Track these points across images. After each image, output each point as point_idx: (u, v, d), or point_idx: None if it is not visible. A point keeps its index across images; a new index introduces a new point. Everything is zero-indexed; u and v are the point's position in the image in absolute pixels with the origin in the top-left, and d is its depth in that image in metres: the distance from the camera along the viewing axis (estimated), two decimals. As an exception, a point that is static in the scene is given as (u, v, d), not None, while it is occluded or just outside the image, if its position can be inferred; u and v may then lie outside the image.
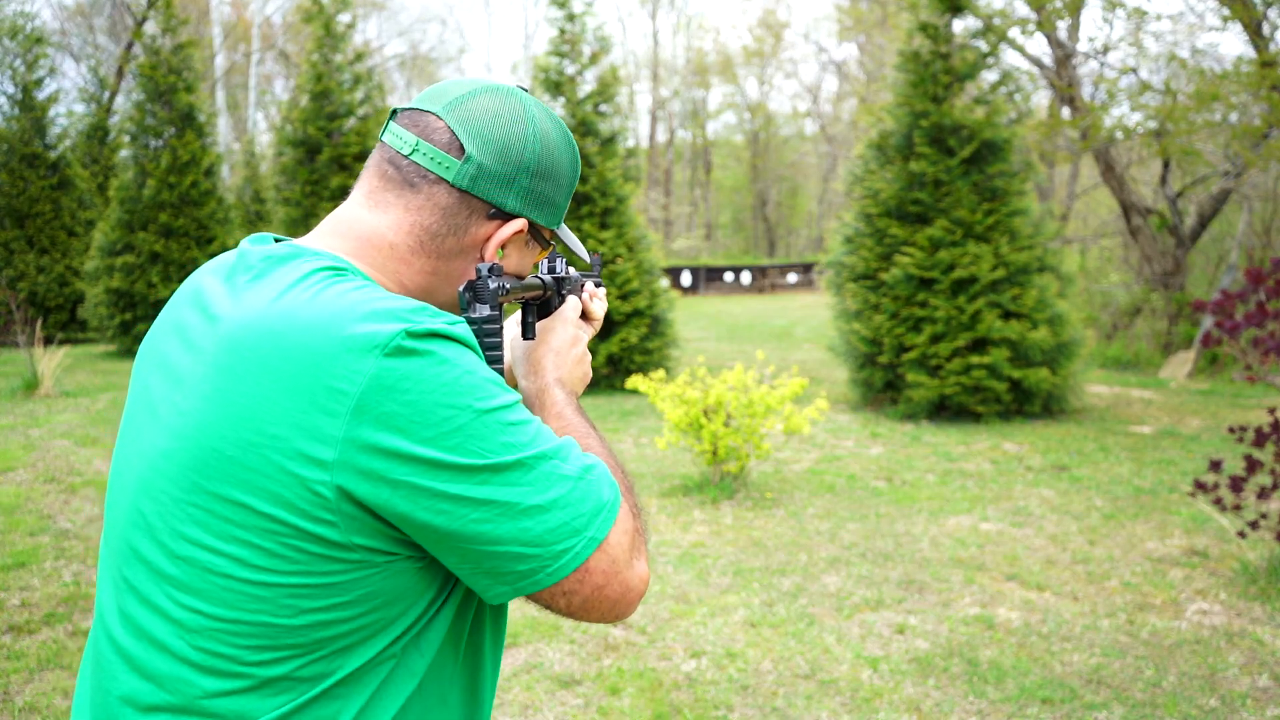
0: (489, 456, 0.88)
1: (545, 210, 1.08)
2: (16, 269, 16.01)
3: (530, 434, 0.92)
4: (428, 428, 0.85)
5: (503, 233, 1.04)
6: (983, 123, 9.06)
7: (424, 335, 0.87)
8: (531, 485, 0.90)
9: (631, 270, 10.86)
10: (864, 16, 27.12)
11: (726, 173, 46.44)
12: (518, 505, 0.89)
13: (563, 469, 0.92)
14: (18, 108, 16.62)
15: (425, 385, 0.86)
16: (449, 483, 0.87)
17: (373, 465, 0.84)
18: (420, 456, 0.85)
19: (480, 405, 0.88)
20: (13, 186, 16.30)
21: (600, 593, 0.94)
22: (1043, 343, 8.57)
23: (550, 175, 1.06)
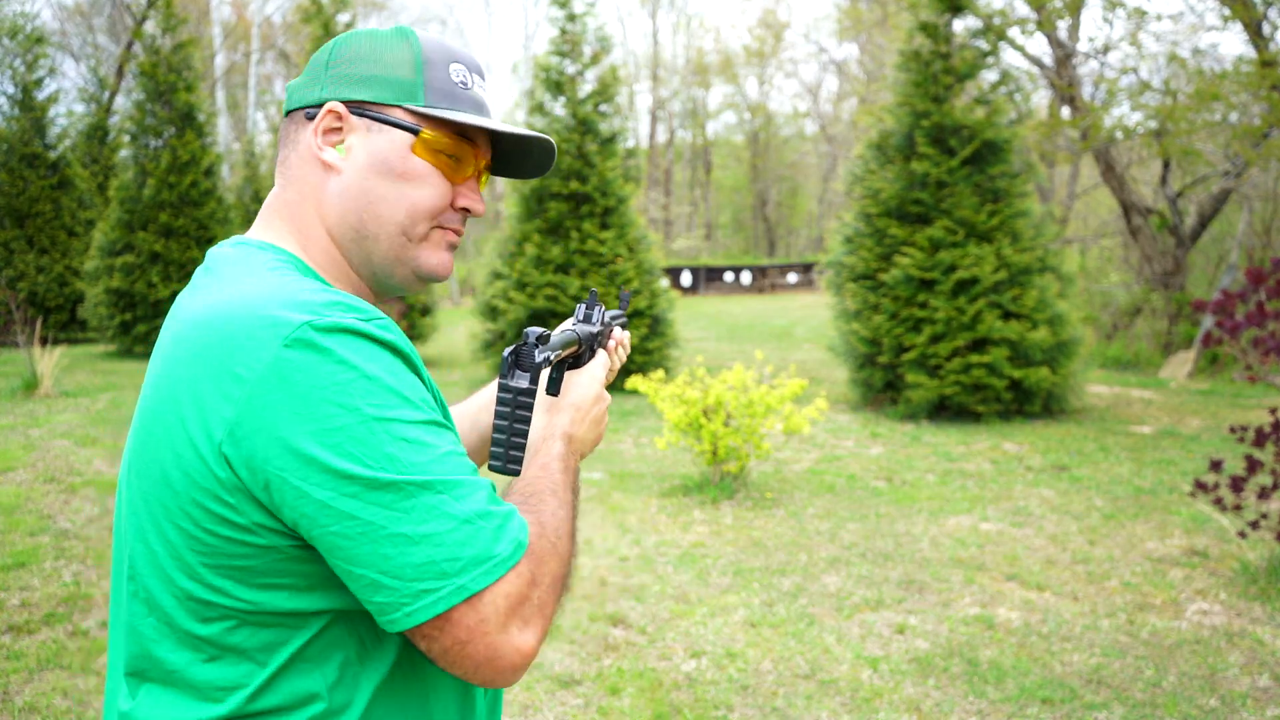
0: (366, 467, 0.83)
1: (369, 86, 1.02)
2: (16, 269, 16.01)
3: (427, 458, 0.86)
4: (309, 422, 0.83)
5: (318, 120, 1.01)
6: (983, 123, 9.06)
7: (328, 330, 0.85)
8: (404, 512, 0.84)
9: (631, 270, 10.86)
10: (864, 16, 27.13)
11: (726, 173, 46.44)
12: (382, 529, 0.83)
13: (451, 506, 0.85)
14: (18, 108, 16.62)
15: (315, 380, 0.83)
16: (318, 486, 0.83)
17: (254, 452, 0.84)
18: (297, 451, 0.83)
19: (373, 411, 0.84)
20: (13, 186, 16.30)
21: (463, 649, 0.86)
22: (1043, 342, 8.57)
23: (362, 57, 1.02)
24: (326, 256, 1.04)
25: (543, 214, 11.15)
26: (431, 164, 1.03)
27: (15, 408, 9.10)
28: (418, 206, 1.03)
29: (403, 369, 0.90)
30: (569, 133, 11.22)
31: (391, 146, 1.02)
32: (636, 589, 4.40)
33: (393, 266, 1.05)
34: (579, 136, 11.20)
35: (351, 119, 1.02)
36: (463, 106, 1.05)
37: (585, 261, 10.85)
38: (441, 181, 1.04)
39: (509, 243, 11.33)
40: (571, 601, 4.22)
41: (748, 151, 43.89)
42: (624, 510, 5.74)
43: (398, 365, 0.89)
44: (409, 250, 1.04)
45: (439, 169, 1.03)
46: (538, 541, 0.92)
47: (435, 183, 1.03)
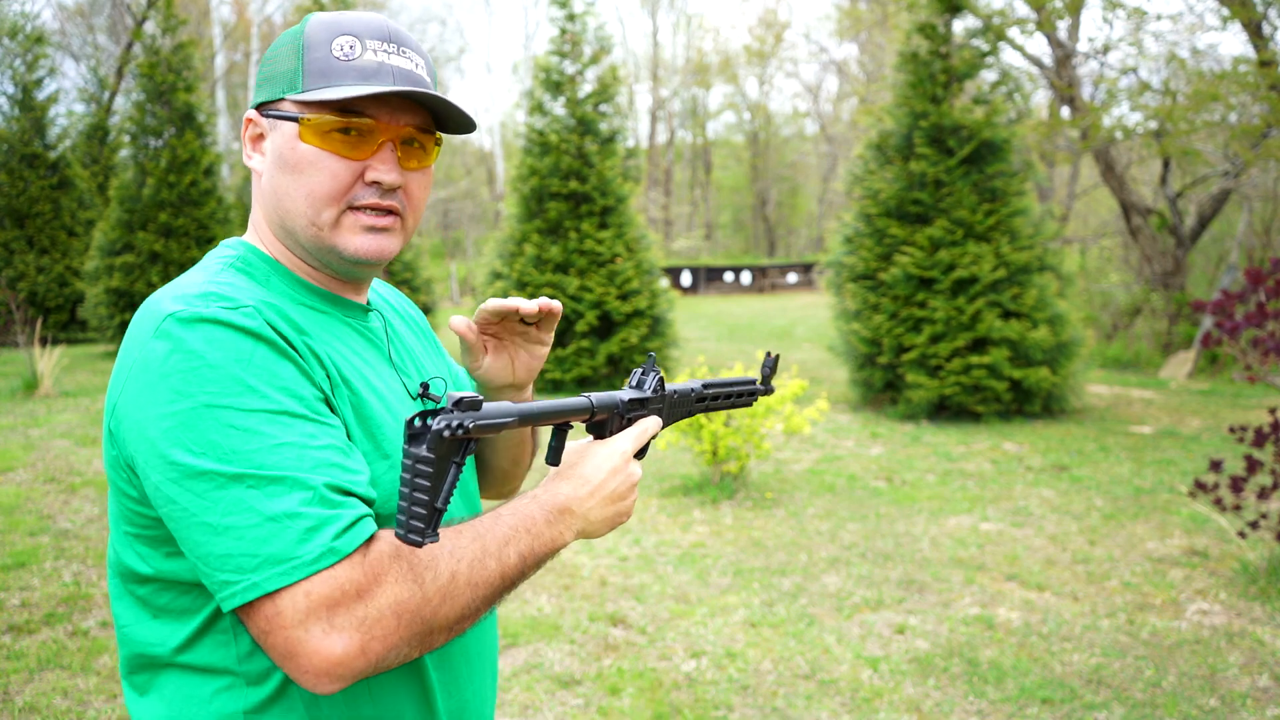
0: (188, 453, 0.86)
1: (266, 87, 1.05)
2: (16, 269, 16.00)
3: (253, 447, 0.86)
4: (152, 407, 0.88)
5: (243, 132, 1.06)
6: (982, 123, 9.06)
7: (186, 320, 0.90)
8: (212, 502, 0.85)
9: (631, 270, 10.86)
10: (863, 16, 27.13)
11: (726, 173, 46.43)
12: (194, 516, 0.86)
13: (259, 502, 0.85)
14: (18, 108, 16.61)
15: (164, 367, 0.88)
16: (154, 469, 0.89)
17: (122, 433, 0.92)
18: (143, 434, 0.89)
19: (209, 399, 0.87)
20: (13, 186, 16.29)
21: (265, 639, 0.86)
22: (1043, 342, 8.58)
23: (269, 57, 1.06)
24: (278, 251, 1.09)
25: (542, 214, 11.15)
26: (320, 147, 1.01)
27: (15, 408, 9.10)
28: (314, 193, 1.02)
29: (265, 356, 0.91)
30: (569, 133, 11.22)
31: (284, 140, 1.02)
32: (636, 589, 4.40)
33: (324, 254, 1.05)
34: (579, 136, 11.20)
35: (263, 122, 1.05)
36: (344, 80, 1.01)
37: (584, 261, 10.84)
38: (335, 162, 1.01)
39: (508, 243, 11.33)
40: (572, 601, 4.22)
41: (748, 151, 43.89)
42: (624, 510, 5.73)
43: (258, 353, 0.90)
44: (326, 238, 1.04)
45: (330, 150, 1.01)
46: (384, 559, 0.88)
47: (326, 165, 1.01)
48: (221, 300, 0.92)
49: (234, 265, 1.05)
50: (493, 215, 37.22)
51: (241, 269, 1.05)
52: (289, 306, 1.02)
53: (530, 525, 1.00)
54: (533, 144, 11.33)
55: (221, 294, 0.93)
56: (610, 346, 10.58)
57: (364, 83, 1.01)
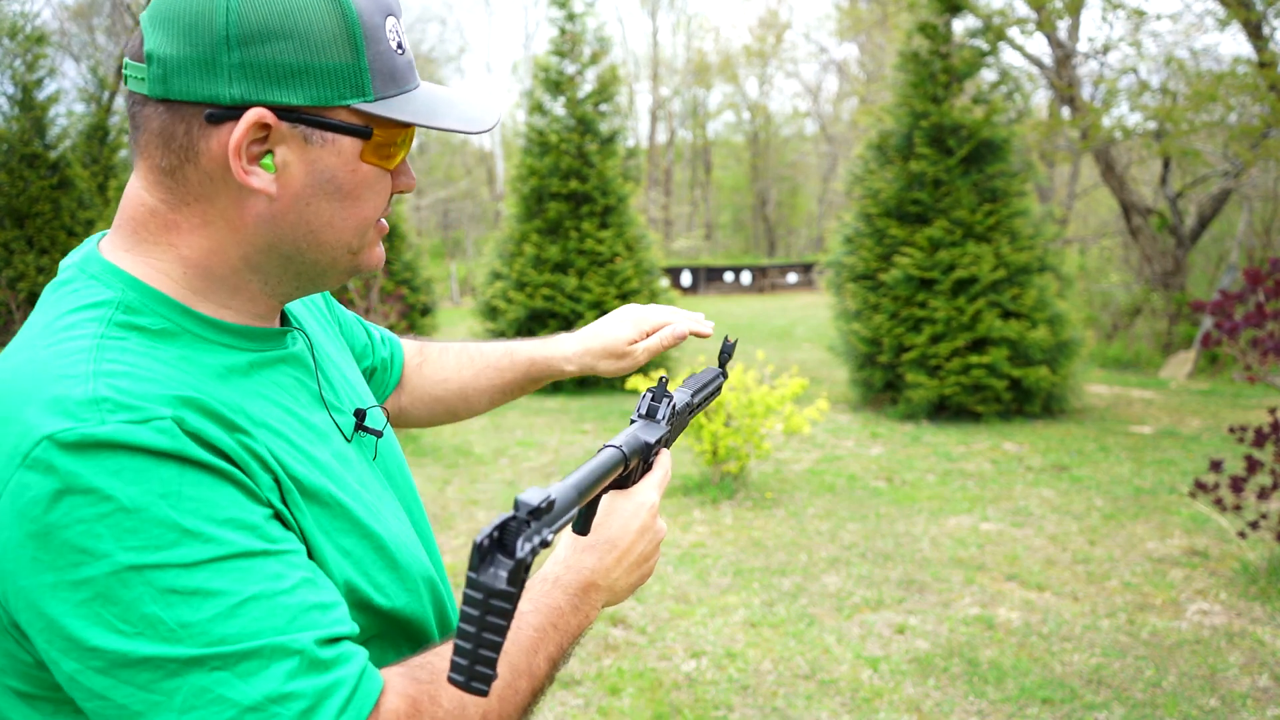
0: (114, 637, 0.64)
1: (299, 83, 0.75)
2: (16, 269, 16.01)
3: (206, 615, 0.65)
4: (48, 572, 0.64)
5: (235, 136, 0.74)
6: (981, 122, 9.06)
7: (77, 446, 0.64)
8: (164, 695, 0.64)
9: (631, 270, 10.86)
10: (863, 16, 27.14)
11: (726, 173, 46.44)
12: (138, 715, 0.65)
13: (231, 687, 0.64)
14: (18, 108, 16.62)
15: (55, 516, 0.63)
16: (62, 655, 0.65)
17: (6, 590, 0.67)
18: (38, 608, 0.65)
19: (131, 557, 0.64)
20: (13, 186, 16.30)
21: None
22: (1042, 342, 8.58)
23: (277, 33, 0.73)
24: (213, 284, 0.81)
25: (542, 214, 11.15)
26: (380, 166, 0.81)
27: (15, 408, 9.10)
28: (367, 219, 0.83)
29: (195, 483, 0.68)
30: (568, 132, 11.22)
31: (340, 160, 0.79)
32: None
33: (324, 279, 0.85)
34: (579, 136, 11.21)
35: (281, 127, 0.76)
36: (407, 83, 0.81)
37: (584, 261, 10.85)
38: (385, 179, 0.82)
39: (508, 242, 11.33)
40: (571, 601, 4.22)
41: (748, 151, 43.89)
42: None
43: (184, 481, 0.67)
44: (350, 261, 0.84)
45: (385, 168, 0.82)
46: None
47: (381, 185, 0.82)
48: (120, 409, 0.66)
49: (113, 322, 0.75)
50: (493, 215, 37.22)
51: (124, 325, 0.75)
52: (205, 382, 0.75)
53: (557, 619, 0.83)
54: (532, 144, 11.34)
55: (118, 398, 0.67)
56: (610, 346, 10.57)
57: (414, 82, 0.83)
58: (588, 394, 10.58)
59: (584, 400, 10.19)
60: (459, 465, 7.06)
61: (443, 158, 39.29)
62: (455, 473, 6.82)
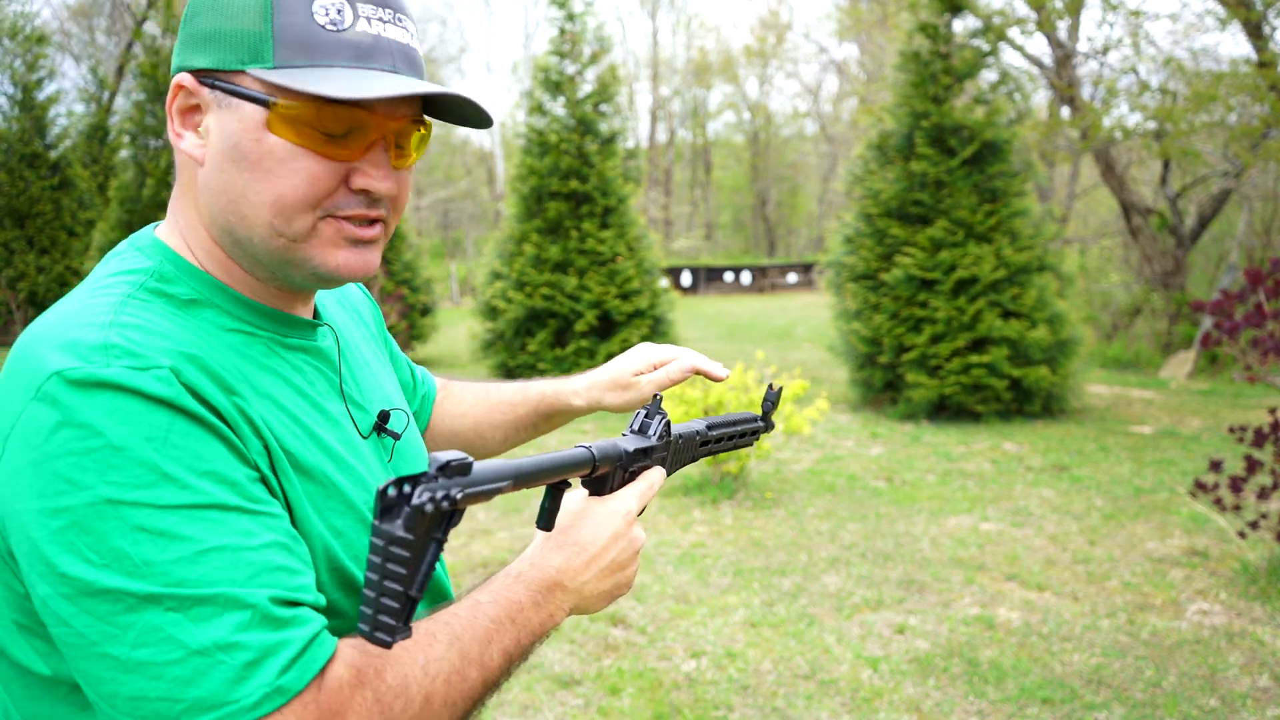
0: (84, 564, 0.66)
1: (212, 48, 0.78)
2: (16, 269, 16.01)
3: (170, 556, 0.67)
4: (36, 498, 0.68)
5: (168, 101, 0.81)
6: (983, 123, 9.06)
7: (80, 383, 0.69)
8: (120, 630, 0.66)
9: (632, 270, 10.86)
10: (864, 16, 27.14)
11: (726, 173, 46.44)
12: (94, 645, 0.67)
13: (182, 629, 0.66)
14: (18, 108, 16.63)
15: (50, 446, 0.68)
16: (40, 578, 0.68)
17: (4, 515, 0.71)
18: (25, 531, 0.68)
19: (111, 491, 0.67)
20: (13, 186, 16.30)
21: None
22: (1042, 341, 8.58)
23: (209, 5, 0.79)
24: (210, 258, 0.85)
25: (542, 213, 11.16)
26: (295, 143, 0.78)
27: (15, 408, 9.11)
28: (284, 199, 0.79)
29: (183, 433, 0.71)
30: (568, 132, 11.22)
31: (242, 126, 0.79)
32: (636, 589, 4.40)
33: (286, 268, 0.84)
34: (579, 136, 11.21)
35: (203, 92, 0.80)
36: (334, 58, 0.78)
37: (584, 261, 10.85)
38: (316, 163, 0.79)
39: (508, 242, 11.33)
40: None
41: (748, 151, 43.89)
42: (624, 510, 5.74)
43: (173, 429, 0.70)
44: (295, 251, 0.82)
45: (309, 147, 0.79)
46: (342, 692, 0.71)
47: (303, 166, 0.79)
48: (126, 355, 0.71)
49: (144, 287, 0.81)
50: (493, 215, 37.23)
51: (155, 291, 0.81)
52: (216, 348, 0.80)
53: (516, 613, 0.83)
54: (532, 144, 11.34)
55: (126, 346, 0.72)
56: (610, 347, 10.58)
57: (359, 63, 0.79)
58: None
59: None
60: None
61: (443, 158, 39.30)
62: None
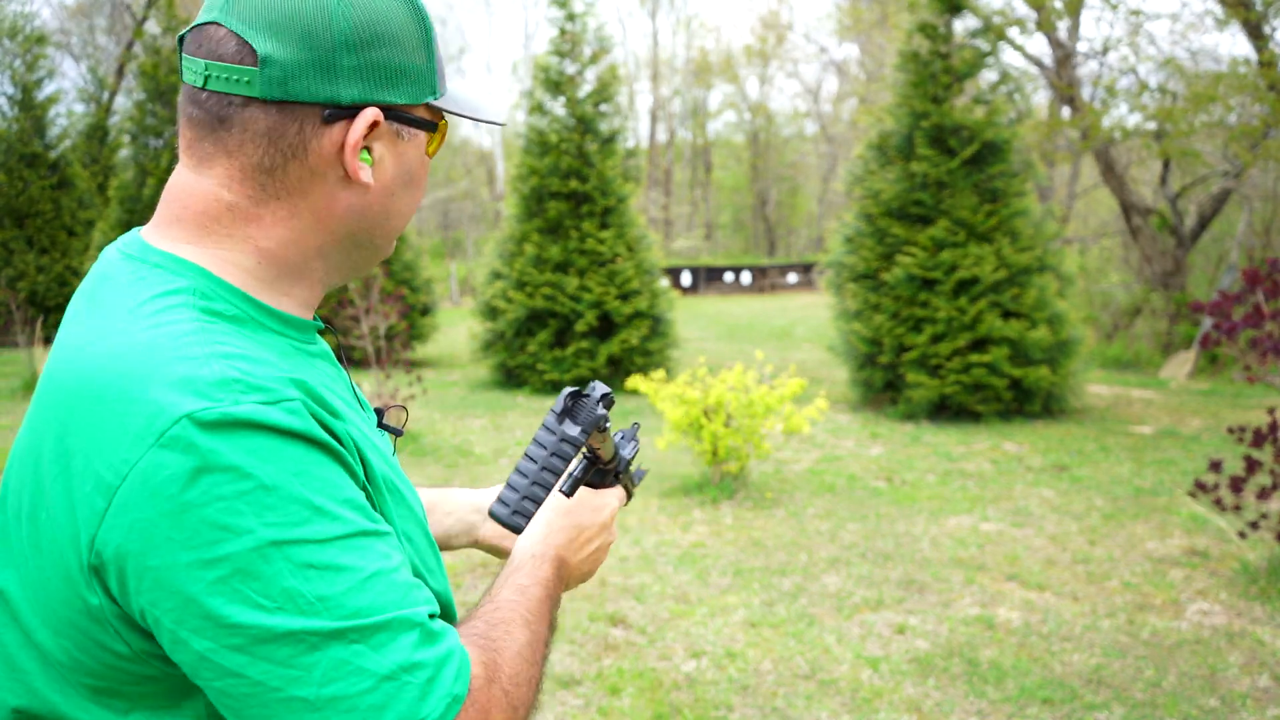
0: (256, 612, 0.65)
1: (400, 83, 0.80)
2: (16, 269, 16.01)
3: (342, 588, 0.67)
4: (185, 550, 0.65)
5: (354, 132, 0.78)
6: (983, 123, 9.06)
7: (216, 425, 0.66)
8: (305, 670, 0.66)
9: (632, 270, 10.86)
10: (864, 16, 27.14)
11: (726, 173, 46.44)
12: (276, 692, 0.66)
13: (368, 659, 0.67)
14: (18, 108, 16.62)
15: (193, 494, 0.65)
16: (195, 634, 0.66)
17: (125, 578, 0.67)
18: (170, 586, 0.66)
19: (272, 532, 0.66)
20: (12, 186, 16.30)
21: None
22: (1042, 341, 8.58)
23: (383, 39, 0.78)
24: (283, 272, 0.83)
25: (542, 213, 11.15)
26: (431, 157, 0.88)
27: (15, 408, 9.11)
28: (416, 208, 0.89)
29: (319, 464, 0.70)
30: (569, 132, 11.22)
31: (417, 154, 0.85)
32: (636, 589, 4.40)
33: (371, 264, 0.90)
34: (579, 136, 11.21)
35: (384, 125, 0.81)
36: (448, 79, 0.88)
37: (585, 261, 10.85)
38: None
39: (508, 242, 11.33)
40: (571, 601, 4.23)
41: (748, 151, 43.89)
42: (624, 510, 5.74)
43: (311, 461, 0.70)
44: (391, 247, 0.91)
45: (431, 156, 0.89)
46: (484, 690, 0.75)
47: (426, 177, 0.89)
48: (251, 390, 0.69)
49: (200, 309, 0.76)
50: (493, 215, 37.22)
51: (207, 310, 0.76)
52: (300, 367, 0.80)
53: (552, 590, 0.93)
54: (533, 144, 11.34)
55: (246, 379, 0.69)
56: (610, 347, 10.58)
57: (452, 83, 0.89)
58: (588, 394, 10.57)
59: (584, 400, 10.18)
60: (459, 465, 7.07)
61: (443, 158, 39.27)
62: (455, 473, 6.83)
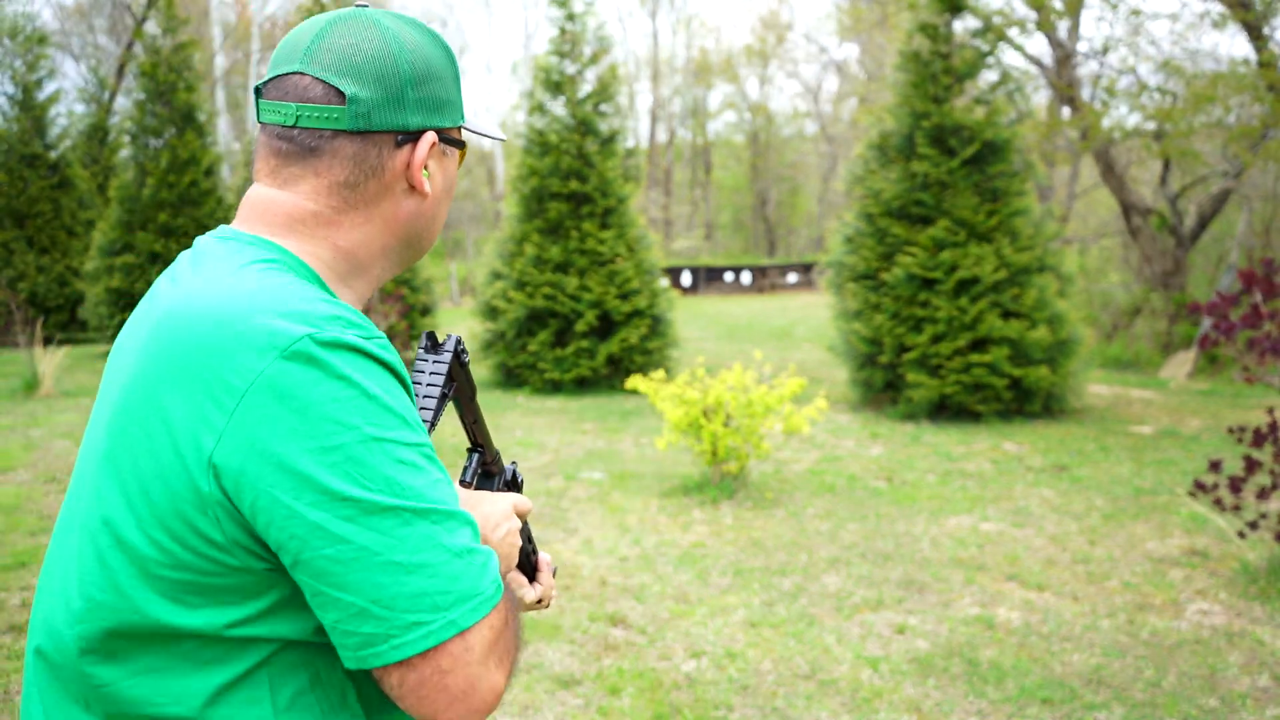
0: (363, 489, 0.81)
1: (446, 111, 1.03)
2: (16, 269, 16.00)
3: (424, 483, 0.84)
4: (307, 439, 0.80)
5: (420, 152, 0.99)
6: (984, 123, 9.06)
7: (330, 344, 0.83)
8: (400, 540, 0.81)
9: (631, 270, 10.86)
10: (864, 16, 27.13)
11: (726, 173, 46.44)
12: (378, 555, 0.81)
13: (445, 537, 0.84)
14: (18, 108, 16.62)
15: (315, 395, 0.81)
16: (312, 506, 0.80)
17: (245, 466, 0.81)
18: (291, 468, 0.80)
19: (373, 430, 0.82)
20: (12, 186, 16.30)
21: (441, 679, 0.84)
22: (1042, 341, 8.58)
23: (432, 76, 1.00)
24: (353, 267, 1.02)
25: (542, 214, 11.15)
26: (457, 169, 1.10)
27: (15, 408, 9.11)
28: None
29: (399, 390, 0.87)
30: (569, 132, 11.22)
31: (453, 167, 1.06)
32: (636, 589, 4.41)
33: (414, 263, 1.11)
34: (579, 136, 11.21)
35: (438, 145, 1.03)
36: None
37: (585, 261, 10.85)
38: None
39: (509, 243, 11.33)
40: (571, 601, 4.23)
41: (748, 151, 43.88)
42: (624, 510, 5.74)
43: (395, 386, 0.87)
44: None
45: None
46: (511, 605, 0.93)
47: None
48: (352, 326, 0.87)
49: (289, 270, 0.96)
50: (493, 215, 37.21)
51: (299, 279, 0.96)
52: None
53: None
54: (533, 144, 11.33)
55: (347, 318, 0.87)
56: (610, 346, 10.58)
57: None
58: (588, 394, 10.58)
59: (584, 400, 10.19)
60: (458, 465, 7.06)
61: (443, 158, 39.22)
62: (455, 472, 6.82)
